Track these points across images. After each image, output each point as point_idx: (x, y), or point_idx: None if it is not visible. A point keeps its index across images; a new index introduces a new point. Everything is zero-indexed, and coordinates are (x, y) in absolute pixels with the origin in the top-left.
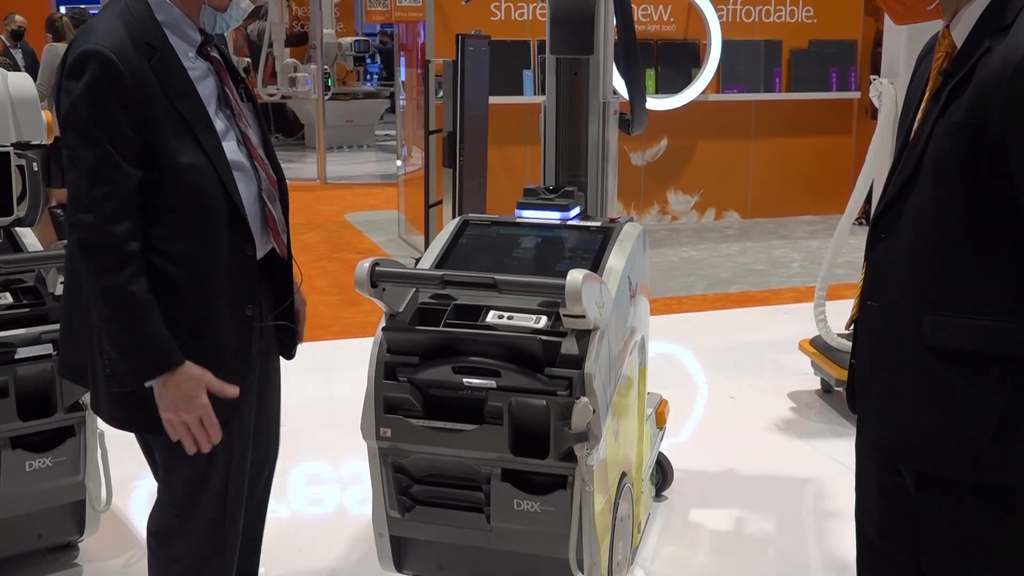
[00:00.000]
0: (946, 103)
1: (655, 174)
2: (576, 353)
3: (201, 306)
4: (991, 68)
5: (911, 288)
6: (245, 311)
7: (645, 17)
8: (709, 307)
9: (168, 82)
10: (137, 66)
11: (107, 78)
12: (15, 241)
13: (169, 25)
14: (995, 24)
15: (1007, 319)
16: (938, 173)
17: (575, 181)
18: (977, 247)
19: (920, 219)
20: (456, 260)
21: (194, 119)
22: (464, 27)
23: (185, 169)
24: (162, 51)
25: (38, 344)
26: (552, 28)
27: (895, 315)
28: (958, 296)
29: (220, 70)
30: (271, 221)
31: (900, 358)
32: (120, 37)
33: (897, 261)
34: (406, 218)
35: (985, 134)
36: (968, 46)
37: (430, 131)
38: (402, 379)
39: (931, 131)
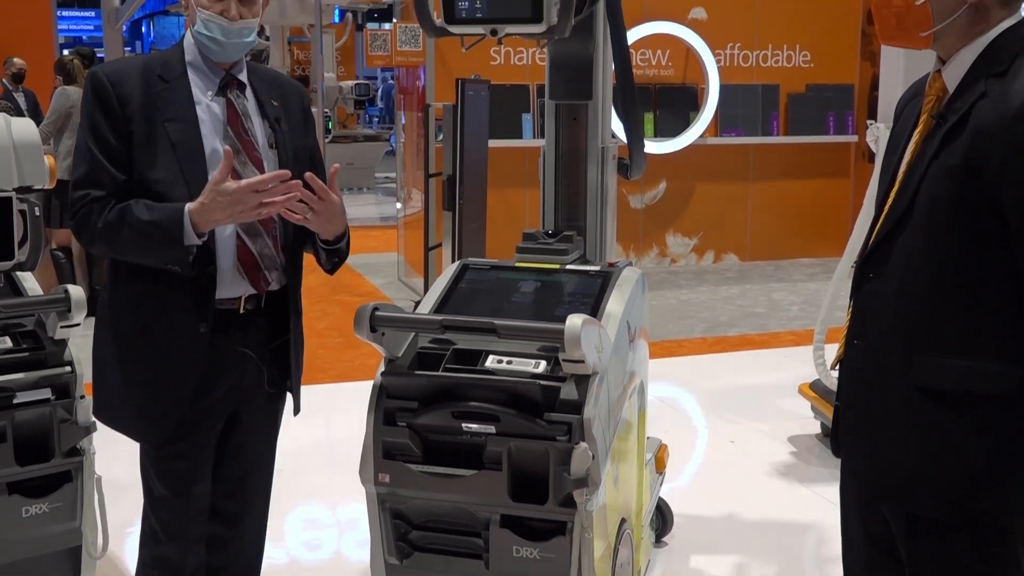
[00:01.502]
0: (941, 146)
1: (654, 217)
2: (575, 398)
3: (153, 304)
4: (988, 113)
5: (900, 328)
6: (198, 328)
7: (644, 62)
8: (708, 350)
9: (166, 108)
10: (131, 89)
11: (95, 94)
12: (15, 285)
13: (194, 65)
14: (990, 70)
15: (997, 360)
16: (931, 214)
17: (574, 225)
18: (968, 288)
19: (911, 260)
20: (455, 304)
21: (180, 142)
22: (464, 71)
23: (154, 181)
24: (172, 84)
25: (36, 389)
26: (551, 74)
27: (883, 355)
28: (948, 337)
29: (231, 113)
30: (244, 255)
31: (888, 397)
32: (128, 66)
33: (886, 301)
34: (406, 260)
35: (982, 178)
36: (963, 90)
37: (430, 174)
38: (401, 424)
39: (924, 173)
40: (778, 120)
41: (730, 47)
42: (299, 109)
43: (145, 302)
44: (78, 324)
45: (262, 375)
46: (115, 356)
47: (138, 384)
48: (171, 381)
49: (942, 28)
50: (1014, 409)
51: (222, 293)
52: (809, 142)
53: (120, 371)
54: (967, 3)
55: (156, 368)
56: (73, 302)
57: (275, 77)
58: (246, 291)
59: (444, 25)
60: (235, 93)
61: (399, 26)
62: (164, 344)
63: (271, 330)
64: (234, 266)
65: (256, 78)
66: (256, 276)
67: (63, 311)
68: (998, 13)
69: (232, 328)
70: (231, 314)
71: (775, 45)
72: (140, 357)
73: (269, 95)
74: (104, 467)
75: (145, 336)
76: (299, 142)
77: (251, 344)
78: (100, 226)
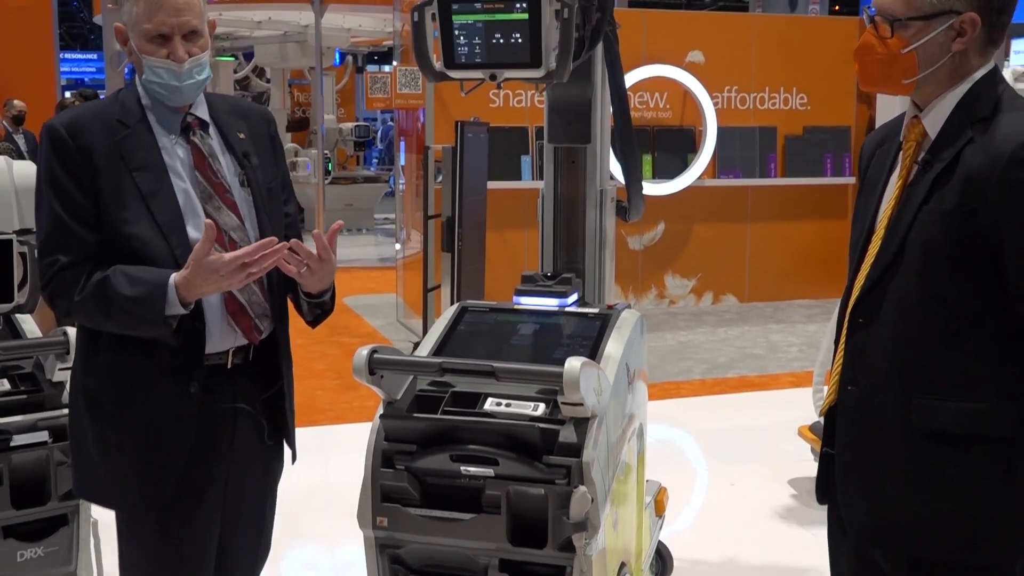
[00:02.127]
0: (930, 191)
1: (653, 258)
2: (574, 441)
3: (137, 371)
4: (978, 159)
5: (896, 372)
6: (189, 388)
7: (642, 104)
8: (707, 392)
9: (132, 155)
10: (92, 140)
11: (54, 149)
12: (14, 327)
13: (152, 108)
14: (973, 115)
15: (996, 400)
16: (925, 258)
17: (573, 267)
18: (965, 329)
19: (904, 304)
20: (454, 347)
21: (150, 192)
22: (463, 113)
23: (129, 238)
24: (133, 128)
25: (34, 431)
26: (550, 118)
27: (879, 399)
28: (946, 379)
29: (196, 154)
30: (232, 305)
31: (886, 442)
32: (84, 115)
33: (880, 345)
34: (404, 302)
35: (977, 222)
36: (946, 136)
37: (429, 215)
38: (399, 467)
39: (914, 218)
40: (775, 162)
41: (727, 90)
42: (266, 137)
43: (128, 369)
44: None
45: (258, 429)
46: (96, 430)
47: (125, 458)
48: (162, 450)
49: (924, 76)
50: (1014, 448)
51: (211, 347)
52: (806, 184)
53: (103, 445)
54: (951, 52)
55: (144, 439)
56: (72, 344)
57: (237, 106)
58: (236, 342)
59: (444, 70)
60: (198, 135)
61: (399, 69)
62: (152, 413)
63: (263, 380)
64: (223, 318)
65: (218, 112)
66: (247, 326)
67: (61, 353)
68: (976, 61)
69: (223, 383)
70: (220, 369)
71: (772, 88)
72: (126, 429)
73: (234, 128)
74: (100, 510)
75: (131, 406)
76: (270, 173)
77: (243, 398)
78: (77, 300)
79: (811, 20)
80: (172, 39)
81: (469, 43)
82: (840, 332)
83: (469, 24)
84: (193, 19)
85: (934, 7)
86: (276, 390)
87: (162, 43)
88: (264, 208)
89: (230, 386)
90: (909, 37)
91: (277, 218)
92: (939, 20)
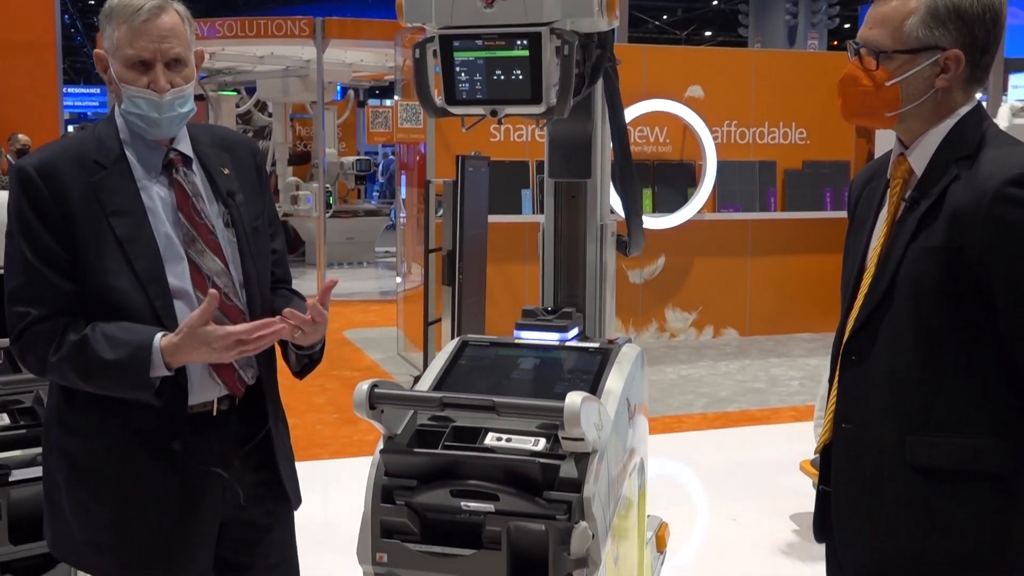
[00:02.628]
0: (917, 228)
1: (653, 291)
2: (575, 476)
3: (115, 429)
4: (963, 196)
5: (891, 409)
6: (170, 445)
7: (642, 139)
8: (708, 426)
9: (110, 199)
10: (66, 183)
11: (25, 193)
12: (15, 361)
13: (131, 144)
14: (957, 153)
15: (991, 436)
16: (915, 295)
17: (573, 302)
18: (958, 366)
19: (897, 341)
20: (455, 381)
21: (128, 239)
22: (464, 147)
23: (106, 289)
24: (111, 169)
25: (33, 466)
26: (550, 153)
27: (875, 436)
28: (941, 415)
29: (179, 194)
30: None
31: (883, 479)
32: (57, 154)
33: (874, 383)
34: (405, 335)
35: (964, 258)
36: (932, 173)
37: (430, 249)
38: (399, 502)
39: (903, 255)
40: (775, 196)
41: (727, 124)
42: (251, 170)
43: (105, 427)
44: None
45: (251, 476)
46: (71, 491)
47: (101, 522)
48: (142, 512)
49: (907, 111)
50: (1010, 484)
51: (193, 399)
52: (806, 217)
53: (77, 507)
54: (935, 88)
55: (122, 502)
56: None
57: (221, 138)
58: (221, 392)
59: (445, 106)
60: (181, 172)
61: (400, 103)
62: (130, 473)
63: (251, 426)
64: (205, 370)
65: (202, 145)
66: (231, 379)
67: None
68: (960, 98)
69: (208, 433)
70: (204, 418)
71: (771, 122)
72: (103, 491)
73: (219, 163)
74: None
75: (108, 467)
76: (256, 210)
77: (231, 446)
78: (52, 361)
79: (809, 55)
80: (154, 66)
81: (470, 79)
82: (834, 370)
83: (470, 61)
84: (177, 46)
85: (920, 41)
86: (264, 436)
87: (143, 71)
88: (249, 249)
89: (217, 435)
90: (894, 70)
91: (263, 259)
92: (924, 55)
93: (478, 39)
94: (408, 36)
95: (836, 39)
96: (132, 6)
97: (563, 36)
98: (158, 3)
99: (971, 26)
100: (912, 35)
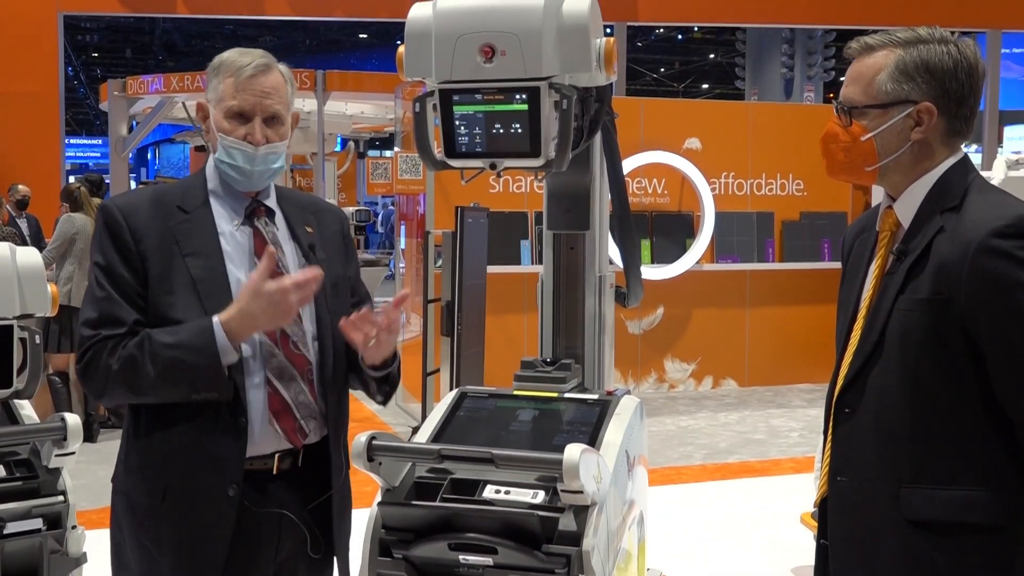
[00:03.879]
0: (905, 280)
1: (652, 342)
2: (574, 529)
3: (172, 472)
4: (949, 247)
5: (884, 462)
6: (227, 490)
7: (640, 190)
8: (708, 477)
9: (187, 241)
10: (146, 222)
11: (107, 228)
12: (12, 412)
13: (216, 193)
14: (942, 204)
15: (984, 488)
16: (904, 347)
17: (572, 353)
18: (948, 418)
19: (887, 393)
20: (453, 433)
21: (202, 279)
22: (463, 199)
23: (174, 324)
24: (193, 214)
25: (28, 519)
26: (549, 205)
27: (869, 490)
28: (933, 468)
29: (257, 240)
30: (276, 404)
31: (878, 533)
32: (143, 197)
33: (866, 436)
34: (404, 385)
35: (952, 310)
36: (918, 225)
37: (429, 299)
38: (397, 556)
39: (892, 307)
40: (773, 247)
41: (724, 176)
42: (338, 236)
43: (165, 465)
44: (73, 452)
45: (303, 540)
46: (132, 534)
47: (159, 565)
48: (197, 553)
49: (887, 164)
50: (1005, 535)
51: (253, 450)
52: (804, 268)
53: (138, 550)
54: (911, 140)
55: (179, 540)
56: (69, 431)
57: (310, 202)
58: (281, 446)
59: (445, 159)
60: (263, 220)
61: (400, 155)
62: (187, 511)
63: (311, 488)
64: (265, 417)
65: (287, 203)
66: (290, 427)
67: (59, 439)
68: (942, 151)
69: (266, 489)
70: (263, 475)
71: (768, 174)
72: (160, 534)
73: (302, 221)
74: None
75: (164, 509)
76: (338, 271)
77: (288, 505)
78: (116, 368)
79: (806, 108)
80: (253, 120)
81: (469, 133)
82: (828, 422)
83: (470, 114)
84: (277, 104)
85: (890, 96)
86: (324, 500)
87: (242, 122)
88: (325, 304)
89: (275, 492)
90: (867, 125)
91: (339, 315)
92: (896, 109)
93: (478, 93)
94: (408, 89)
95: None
96: (240, 62)
97: (562, 90)
98: (265, 62)
99: (941, 79)
100: (882, 90)
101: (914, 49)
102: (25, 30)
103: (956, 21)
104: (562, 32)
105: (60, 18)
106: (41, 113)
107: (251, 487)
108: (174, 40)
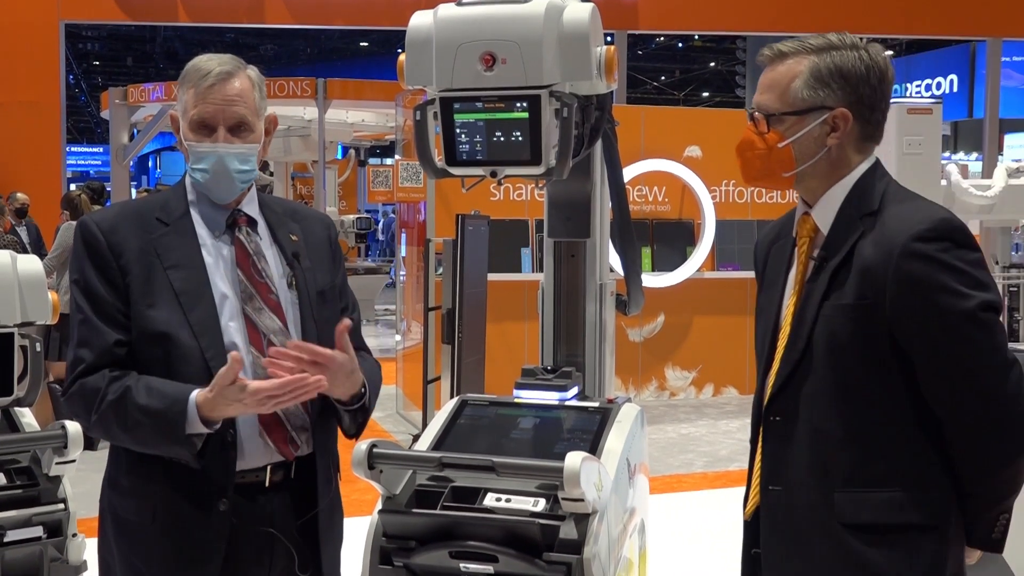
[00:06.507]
0: (829, 286)
1: (652, 350)
2: (575, 537)
3: (161, 489)
4: (872, 252)
5: (817, 468)
6: (217, 505)
7: (640, 198)
8: (709, 485)
9: (168, 254)
10: (126, 237)
11: (85, 245)
12: (12, 420)
13: (197, 204)
14: (861, 209)
15: (916, 489)
16: (831, 353)
17: (573, 360)
18: (879, 421)
19: (817, 399)
20: (454, 441)
21: (185, 291)
22: (464, 206)
23: (159, 336)
24: (173, 226)
25: (28, 527)
26: (550, 213)
27: (802, 496)
28: (866, 471)
29: (239, 251)
30: (267, 417)
31: (813, 538)
32: (120, 211)
33: (797, 443)
34: (404, 393)
35: (877, 314)
36: (838, 230)
37: (430, 307)
38: (398, 564)
39: (817, 313)
40: None
41: (725, 183)
42: (324, 243)
43: (153, 482)
44: (74, 460)
45: (294, 559)
46: (122, 552)
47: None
48: (190, 574)
49: (804, 170)
50: (937, 533)
51: (243, 464)
52: None
53: (128, 569)
54: (827, 146)
55: (171, 559)
56: (70, 439)
57: (294, 210)
58: (273, 458)
59: (445, 167)
60: (244, 231)
61: (400, 163)
62: (178, 529)
63: (302, 502)
64: (256, 430)
65: (270, 211)
66: (282, 439)
67: (59, 447)
68: (856, 156)
69: (257, 504)
70: (256, 487)
71: None
72: (151, 552)
73: (286, 229)
74: None
75: (155, 527)
76: (324, 280)
77: (279, 522)
78: (95, 419)
79: None
80: (216, 130)
81: (470, 141)
82: (756, 432)
83: (470, 122)
84: (242, 110)
85: (805, 103)
86: (311, 517)
87: (207, 133)
88: (311, 313)
89: (267, 507)
90: (784, 132)
91: (326, 324)
92: (812, 115)
93: (478, 101)
94: (409, 97)
95: None
96: (202, 70)
97: (562, 98)
98: (228, 68)
99: (855, 85)
100: (798, 97)
101: (827, 55)
102: (26, 38)
103: (957, 29)
104: (563, 40)
105: (61, 26)
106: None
107: (243, 500)
108: (175, 48)
